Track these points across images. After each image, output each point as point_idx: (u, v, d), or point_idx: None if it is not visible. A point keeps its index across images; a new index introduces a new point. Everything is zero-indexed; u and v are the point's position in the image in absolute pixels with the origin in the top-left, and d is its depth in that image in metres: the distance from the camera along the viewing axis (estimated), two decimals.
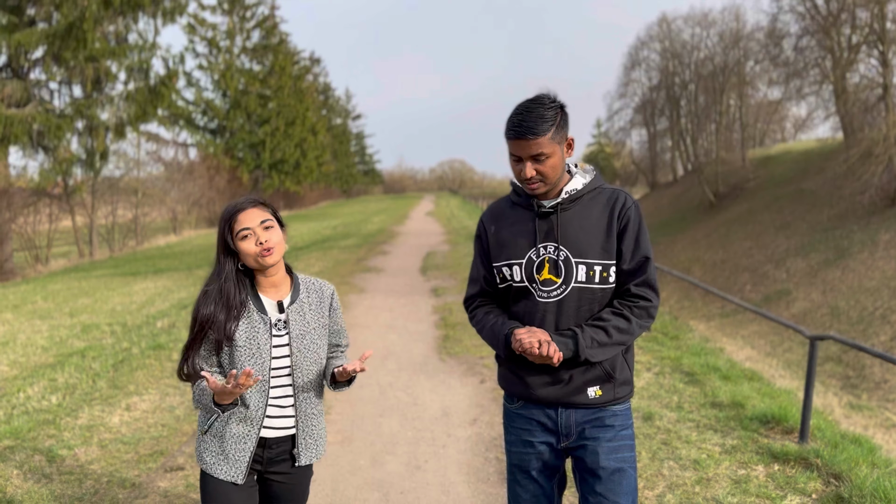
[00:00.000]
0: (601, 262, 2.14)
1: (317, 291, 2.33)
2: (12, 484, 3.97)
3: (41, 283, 15.91)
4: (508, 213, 2.29)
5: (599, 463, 2.16)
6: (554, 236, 2.16)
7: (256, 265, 2.18)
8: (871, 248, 26.60)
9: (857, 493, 3.38)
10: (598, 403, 2.18)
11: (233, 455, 2.19)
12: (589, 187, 2.20)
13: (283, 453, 2.26)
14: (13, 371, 7.01)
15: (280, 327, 2.22)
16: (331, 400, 5.39)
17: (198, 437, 2.28)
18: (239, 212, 2.18)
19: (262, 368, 2.18)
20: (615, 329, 2.12)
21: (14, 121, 17.90)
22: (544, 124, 2.05)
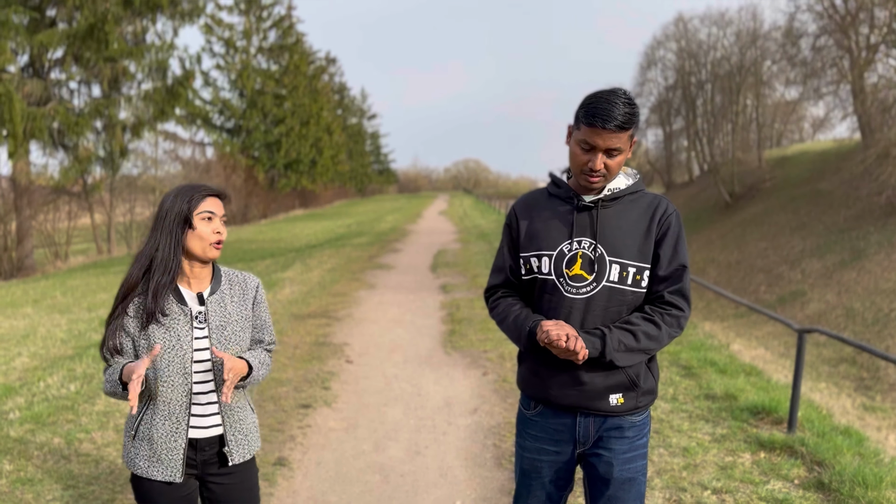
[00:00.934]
0: (636, 264, 2.08)
1: (240, 284, 2.26)
2: (33, 464, 4.18)
3: (60, 279, 16.23)
4: (544, 203, 2.23)
5: (613, 474, 2.14)
6: (592, 231, 2.11)
7: (199, 253, 2.12)
8: (888, 250, 26.41)
9: (838, 479, 3.51)
10: (618, 412, 2.12)
11: (165, 455, 2.13)
12: (631, 189, 2.16)
13: (214, 455, 2.20)
14: (34, 362, 7.25)
15: (201, 319, 2.15)
16: (336, 389, 5.57)
17: (126, 443, 2.20)
18: (210, 195, 2.14)
19: (184, 361, 2.10)
20: (644, 335, 2.05)
21: (35, 117, 18.26)
22: (630, 119, 2.00)
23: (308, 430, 4.65)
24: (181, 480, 2.15)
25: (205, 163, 36.58)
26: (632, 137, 2.07)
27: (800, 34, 39.10)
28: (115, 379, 2.07)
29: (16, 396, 5.71)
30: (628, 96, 2.00)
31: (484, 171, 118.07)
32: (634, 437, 2.16)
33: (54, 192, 21.90)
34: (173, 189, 2.17)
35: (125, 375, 2.03)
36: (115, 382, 2.08)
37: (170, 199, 2.12)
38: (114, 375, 2.08)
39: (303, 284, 11.27)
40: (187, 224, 2.10)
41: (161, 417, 2.11)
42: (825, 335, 4.11)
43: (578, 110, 2.05)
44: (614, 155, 2.03)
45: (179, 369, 2.09)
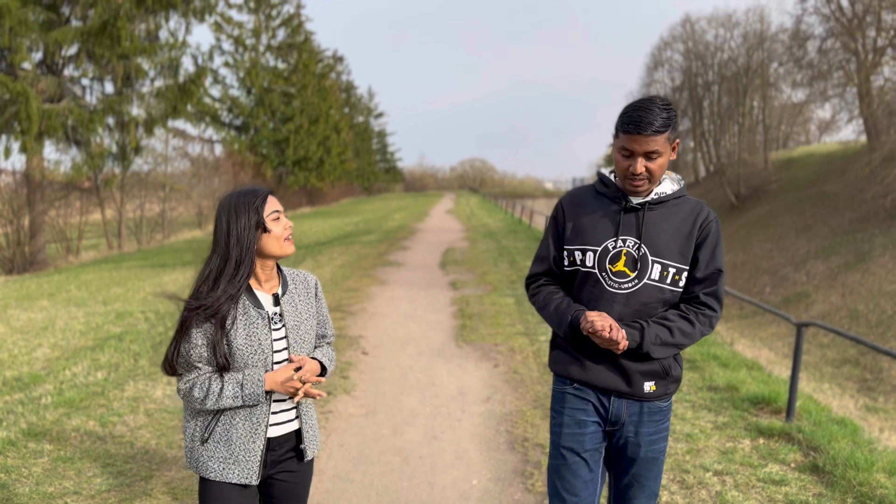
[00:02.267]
0: (676, 265, 2.20)
1: (303, 282, 2.31)
2: (71, 445, 4.43)
3: (73, 273, 16.47)
4: (591, 201, 2.33)
5: (639, 454, 2.28)
6: (637, 231, 2.21)
7: (278, 252, 2.15)
8: (893, 252, 26.52)
9: (831, 463, 3.74)
10: (650, 398, 2.26)
11: (243, 457, 2.13)
12: (676, 194, 2.27)
13: (288, 451, 2.23)
14: (55, 353, 7.49)
15: (276, 321, 2.18)
16: (354, 378, 5.81)
17: (192, 449, 2.19)
18: (270, 194, 2.18)
19: (266, 364, 2.14)
20: (679, 331, 2.18)
21: (51, 115, 18.56)
22: (666, 124, 2.11)
23: (330, 415, 4.90)
24: (258, 482, 2.16)
25: (213, 160, 36.87)
26: (673, 141, 2.18)
27: (806, 36, 39.18)
28: (258, 388, 2.08)
29: (44, 384, 5.95)
30: (665, 101, 2.13)
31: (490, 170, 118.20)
32: (660, 421, 2.29)
33: (65, 187, 22.21)
34: (227, 199, 2.16)
35: (280, 379, 2.09)
36: (256, 388, 2.08)
37: (230, 210, 2.12)
38: (256, 387, 2.08)
39: None
40: (262, 230, 2.12)
41: (241, 418, 2.13)
42: (822, 329, 4.33)
43: (617, 119, 2.18)
44: (654, 158, 2.14)
45: (262, 370, 2.13)
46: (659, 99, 2.13)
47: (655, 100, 2.13)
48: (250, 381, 2.08)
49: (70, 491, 3.75)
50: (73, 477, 3.93)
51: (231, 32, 40.78)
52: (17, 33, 17.51)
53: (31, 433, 4.57)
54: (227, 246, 2.10)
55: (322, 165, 47.09)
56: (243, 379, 2.09)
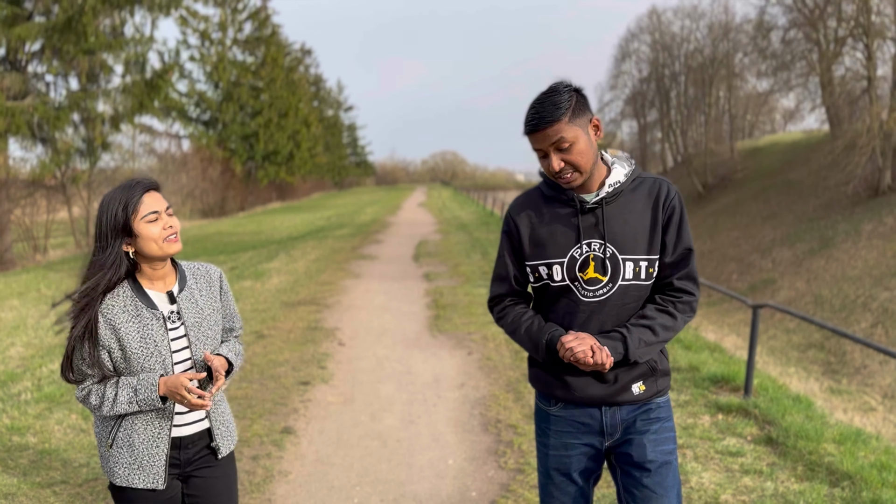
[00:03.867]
0: (647, 258, 2.05)
1: (204, 276, 2.22)
2: (55, 437, 4.52)
3: (41, 273, 16.32)
4: (543, 208, 2.14)
5: (647, 456, 2.09)
6: (599, 232, 2.04)
7: (159, 252, 2.03)
8: (855, 238, 27.25)
9: (784, 435, 3.99)
10: (642, 399, 2.11)
11: (147, 461, 2.07)
12: (630, 177, 2.09)
13: (202, 450, 2.17)
14: (29, 351, 7.51)
15: (174, 319, 2.09)
16: (332, 368, 5.96)
17: (101, 453, 2.14)
18: (145, 193, 2.04)
19: (164, 366, 2.05)
20: (661, 327, 2.04)
21: (15, 112, 18.30)
22: (557, 110, 1.93)
23: (309, 403, 5.04)
24: (164, 486, 2.10)
25: (181, 155, 36.53)
26: (586, 122, 1.99)
27: (770, 27, 39.89)
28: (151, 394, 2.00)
29: (22, 381, 6.00)
30: (556, 88, 1.96)
31: (461, 163, 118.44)
32: (663, 419, 2.14)
33: (31, 185, 21.92)
34: (108, 194, 2.07)
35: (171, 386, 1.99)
36: (150, 394, 2.00)
37: (106, 207, 2.03)
38: (150, 392, 2.00)
39: (289, 274, 11.60)
40: (128, 234, 2.02)
41: (142, 423, 2.07)
42: (778, 310, 4.58)
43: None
44: (567, 148, 1.96)
45: (161, 373, 2.04)
46: (558, 85, 1.98)
47: (550, 89, 1.97)
48: (144, 387, 2.00)
49: (58, 481, 3.85)
50: (60, 468, 4.03)
51: (197, 26, 40.33)
52: None
53: (14, 428, 4.65)
54: (95, 250, 2.03)
55: (292, 160, 46.86)
56: (137, 384, 2.01)
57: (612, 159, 2.11)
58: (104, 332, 2.00)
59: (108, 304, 2.02)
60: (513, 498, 3.57)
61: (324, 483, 3.79)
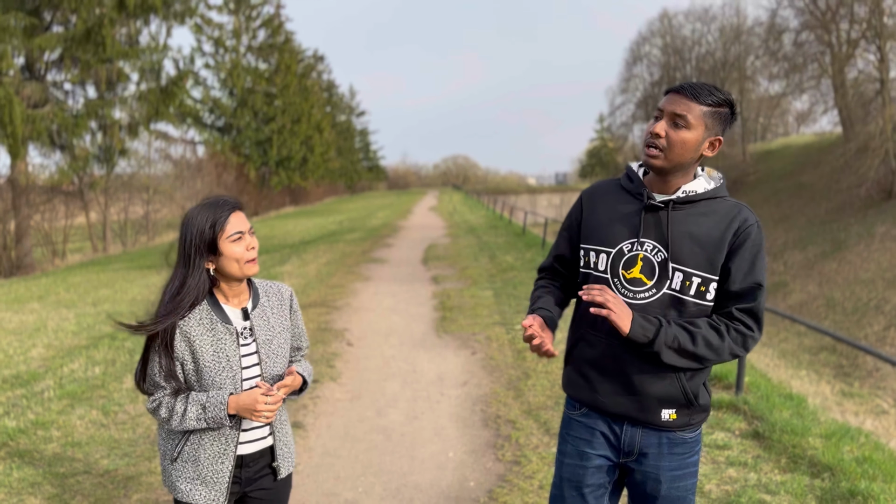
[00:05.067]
0: (701, 275, 1.91)
1: (276, 294, 2.24)
2: (77, 431, 4.76)
3: (61, 276, 16.66)
4: (613, 196, 2.09)
5: (661, 492, 2.02)
6: (657, 234, 1.96)
7: (239, 273, 2.06)
8: (868, 241, 27.19)
9: (770, 429, 4.16)
10: (670, 427, 1.99)
11: (211, 477, 2.08)
12: (709, 194, 1.98)
13: (263, 469, 2.18)
14: (50, 352, 7.77)
15: (246, 335, 2.11)
16: (340, 367, 6.17)
17: (164, 467, 2.16)
18: (232, 212, 2.06)
19: (234, 381, 2.07)
20: (703, 340, 1.87)
21: (35, 120, 18.73)
22: (707, 97, 1.90)
23: (318, 400, 5.26)
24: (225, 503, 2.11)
25: (196, 161, 36.97)
26: (712, 131, 1.94)
27: (782, 30, 39.85)
28: (220, 412, 2.02)
29: (44, 380, 6.26)
30: (722, 89, 1.95)
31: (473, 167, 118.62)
32: (685, 455, 2.03)
33: (51, 191, 22.37)
34: (193, 210, 2.08)
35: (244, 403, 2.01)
36: (218, 412, 2.02)
37: (193, 223, 2.05)
38: (219, 410, 2.02)
39: (301, 277, 11.85)
40: (213, 252, 2.04)
41: (210, 438, 2.08)
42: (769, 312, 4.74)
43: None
44: (679, 126, 1.90)
45: (232, 388, 2.07)
46: (723, 89, 1.96)
47: (716, 85, 1.95)
48: (213, 405, 2.02)
49: (80, 471, 4.09)
50: (82, 459, 4.27)
51: (211, 34, 40.87)
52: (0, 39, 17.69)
53: (39, 423, 4.90)
54: (179, 264, 2.06)
55: (305, 165, 47.32)
56: (206, 401, 2.02)
57: (701, 173, 2.05)
58: (179, 343, 2.02)
59: (186, 317, 2.04)
60: (508, 487, 3.77)
61: (330, 473, 4.00)
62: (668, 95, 1.95)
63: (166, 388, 2.05)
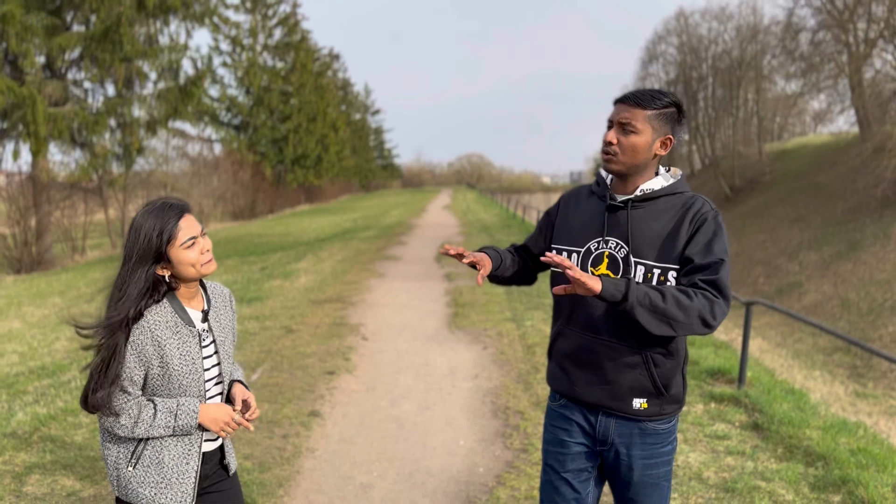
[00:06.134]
0: (661, 266, 2.04)
1: (220, 295, 2.24)
2: None
3: (80, 272, 16.99)
4: (585, 199, 2.26)
5: (633, 478, 2.14)
6: (620, 232, 2.10)
7: (195, 275, 2.04)
8: (884, 241, 27.05)
9: (769, 421, 4.32)
10: (640, 416, 2.11)
11: (176, 479, 2.05)
12: (667, 190, 2.11)
13: (215, 465, 2.20)
14: (73, 344, 7.99)
15: (205, 337, 2.12)
16: (355, 360, 6.37)
17: (119, 476, 2.06)
18: (181, 219, 2.01)
19: (199, 383, 2.07)
20: (673, 299, 1.92)
21: (57, 118, 19.10)
22: (651, 101, 2.04)
23: (334, 390, 5.46)
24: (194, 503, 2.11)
25: (213, 159, 37.37)
26: (660, 131, 2.07)
27: (799, 29, 39.63)
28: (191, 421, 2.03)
29: (70, 371, 6.50)
30: (665, 90, 2.08)
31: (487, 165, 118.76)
32: (657, 445, 2.14)
33: (71, 188, 22.78)
34: (139, 218, 2.02)
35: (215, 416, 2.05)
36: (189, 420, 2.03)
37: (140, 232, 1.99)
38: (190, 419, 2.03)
39: (317, 274, 12.07)
40: (163, 260, 2.00)
41: (173, 440, 2.06)
42: (766, 306, 4.89)
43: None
44: (627, 132, 2.05)
45: (196, 391, 2.07)
46: (667, 91, 2.09)
47: (661, 89, 2.10)
48: (184, 412, 2.02)
49: None
50: None
51: (228, 32, 41.25)
52: (22, 39, 18.05)
53: (68, 410, 5.13)
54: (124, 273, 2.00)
55: (320, 163, 47.66)
56: (177, 409, 2.01)
57: (662, 172, 2.17)
58: (149, 347, 1.97)
59: (154, 320, 2.00)
60: (515, 473, 3.95)
61: (346, 458, 4.20)
62: (615, 105, 2.11)
63: (130, 394, 1.98)
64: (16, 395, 5.74)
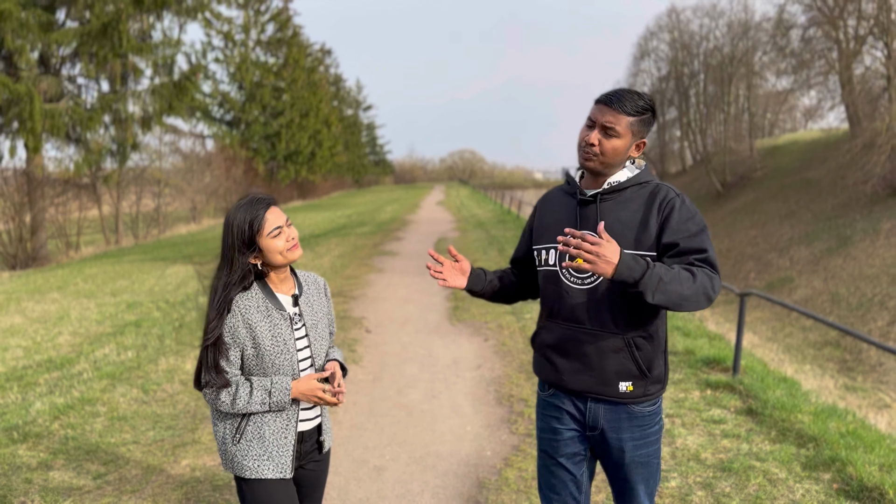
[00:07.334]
0: (633, 253, 2.09)
1: (314, 283, 2.42)
2: (121, 407, 5.14)
3: (76, 268, 17.04)
4: (558, 199, 2.36)
5: (625, 459, 2.23)
6: (592, 224, 2.19)
7: (283, 261, 2.23)
8: (873, 237, 27.36)
9: (762, 406, 4.52)
10: (627, 399, 2.19)
11: (276, 452, 2.25)
12: (633, 181, 2.21)
13: (313, 444, 2.37)
14: (77, 339, 8.13)
15: (297, 320, 2.28)
16: (361, 352, 6.54)
17: (226, 450, 2.29)
18: (268, 209, 2.21)
19: (291, 363, 2.24)
20: (679, 273, 1.99)
21: (53, 114, 19.13)
22: (633, 106, 2.12)
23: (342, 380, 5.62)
24: (292, 475, 2.29)
25: (205, 155, 37.35)
26: (638, 134, 2.17)
27: (789, 25, 39.89)
28: (285, 397, 2.21)
29: (78, 364, 6.63)
30: (646, 94, 2.16)
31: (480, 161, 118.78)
32: (645, 426, 2.22)
33: (65, 184, 22.78)
34: (232, 211, 2.24)
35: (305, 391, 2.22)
36: (283, 397, 2.21)
37: (233, 225, 2.21)
38: (284, 395, 2.20)
39: (316, 269, 12.22)
40: (255, 249, 2.20)
41: (272, 415, 2.24)
42: (761, 298, 5.08)
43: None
44: (610, 135, 2.13)
45: (289, 370, 2.24)
46: (646, 95, 2.17)
47: (639, 91, 2.17)
48: (278, 390, 2.19)
49: (129, 441, 4.47)
50: (130, 431, 4.65)
51: (221, 28, 41.16)
52: (18, 35, 18.07)
53: (85, 399, 5.28)
54: (223, 265, 2.22)
55: (313, 159, 47.68)
56: (271, 387, 2.20)
57: (627, 164, 2.26)
58: (241, 330, 2.18)
59: (245, 305, 2.21)
60: (522, 455, 4.13)
61: (359, 444, 4.37)
62: (598, 106, 2.18)
63: (228, 373, 2.20)
64: (27, 386, 5.87)
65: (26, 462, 4.15)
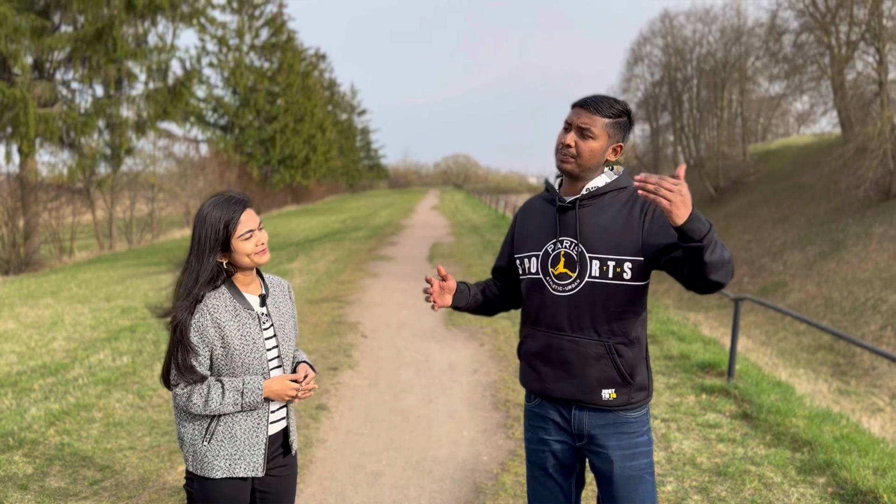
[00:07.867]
0: (614, 258, 2.12)
1: (278, 285, 2.43)
2: (117, 412, 5.13)
3: (70, 273, 16.98)
4: (538, 207, 2.37)
5: (614, 471, 2.18)
6: (572, 231, 2.19)
7: (250, 264, 2.23)
8: (866, 241, 27.51)
9: (757, 410, 4.55)
10: (611, 406, 2.17)
11: (248, 451, 2.24)
12: (612, 186, 2.22)
13: (278, 448, 2.35)
14: (71, 344, 8.11)
15: (265, 320, 2.29)
16: (357, 357, 6.55)
17: (193, 450, 2.25)
18: (243, 211, 2.22)
19: (261, 362, 2.24)
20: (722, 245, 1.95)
21: (47, 119, 19.08)
22: (609, 109, 2.15)
23: (339, 385, 5.64)
24: (263, 474, 2.28)
25: (199, 160, 37.29)
26: (614, 137, 2.19)
27: (782, 31, 40.08)
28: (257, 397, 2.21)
29: (73, 369, 6.61)
30: (620, 100, 2.19)
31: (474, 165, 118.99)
32: (633, 434, 2.19)
33: (59, 189, 22.72)
34: (206, 208, 2.22)
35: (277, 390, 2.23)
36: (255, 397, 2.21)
37: (207, 222, 2.19)
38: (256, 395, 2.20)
39: (311, 274, 12.22)
40: (225, 249, 2.20)
41: (243, 415, 2.23)
42: (755, 302, 5.12)
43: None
44: (586, 137, 2.15)
45: (258, 369, 2.24)
46: (622, 101, 2.20)
47: (615, 97, 2.21)
48: (250, 390, 2.19)
49: (126, 447, 4.46)
50: (126, 436, 4.64)
51: (215, 33, 41.14)
52: (12, 40, 18.03)
53: (81, 405, 5.27)
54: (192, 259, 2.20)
55: (307, 164, 47.63)
56: (243, 387, 2.19)
57: (606, 170, 2.27)
58: (210, 330, 2.17)
59: (213, 304, 2.19)
60: (518, 460, 4.14)
61: (356, 449, 4.38)
62: (574, 109, 2.20)
63: (199, 376, 2.17)
64: (22, 392, 5.85)
65: (22, 468, 4.14)
